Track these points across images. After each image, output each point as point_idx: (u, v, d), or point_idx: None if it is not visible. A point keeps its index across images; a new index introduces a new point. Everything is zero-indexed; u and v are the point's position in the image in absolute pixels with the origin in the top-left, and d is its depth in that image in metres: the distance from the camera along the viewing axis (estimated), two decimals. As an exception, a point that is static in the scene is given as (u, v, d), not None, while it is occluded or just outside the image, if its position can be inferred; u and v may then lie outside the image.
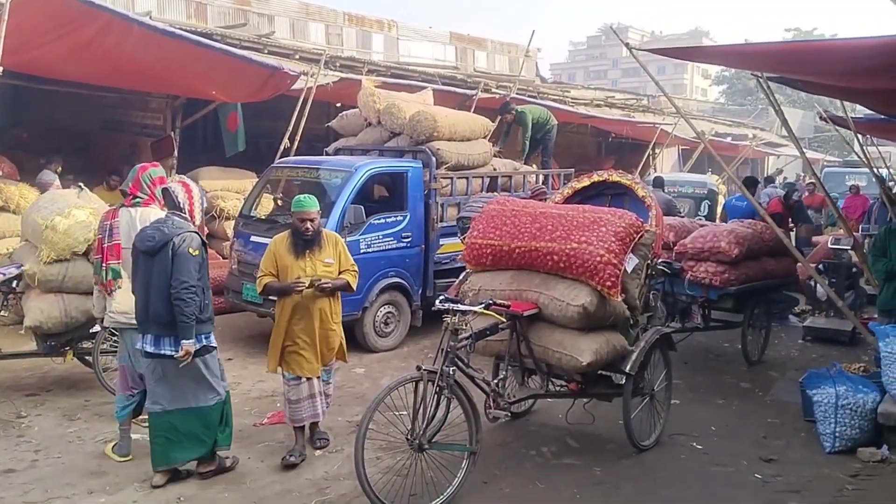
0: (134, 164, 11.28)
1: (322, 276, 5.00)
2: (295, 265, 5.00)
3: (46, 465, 4.95)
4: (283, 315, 5.06)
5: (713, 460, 5.35)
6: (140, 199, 5.07)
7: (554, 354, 4.93)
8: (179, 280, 4.42)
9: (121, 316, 4.99)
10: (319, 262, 5.05)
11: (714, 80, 64.82)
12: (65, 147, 10.92)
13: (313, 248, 5.04)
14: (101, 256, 5.07)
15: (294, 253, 5.01)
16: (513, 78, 16.44)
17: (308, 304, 5.01)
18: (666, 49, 7.78)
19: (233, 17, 22.12)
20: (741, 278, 7.23)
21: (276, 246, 5.10)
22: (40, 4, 7.04)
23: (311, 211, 5.02)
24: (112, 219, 5.07)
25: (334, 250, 5.15)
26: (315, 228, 5.05)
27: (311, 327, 5.04)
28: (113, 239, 5.02)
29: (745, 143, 22.50)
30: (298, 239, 5.03)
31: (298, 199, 5.08)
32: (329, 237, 5.22)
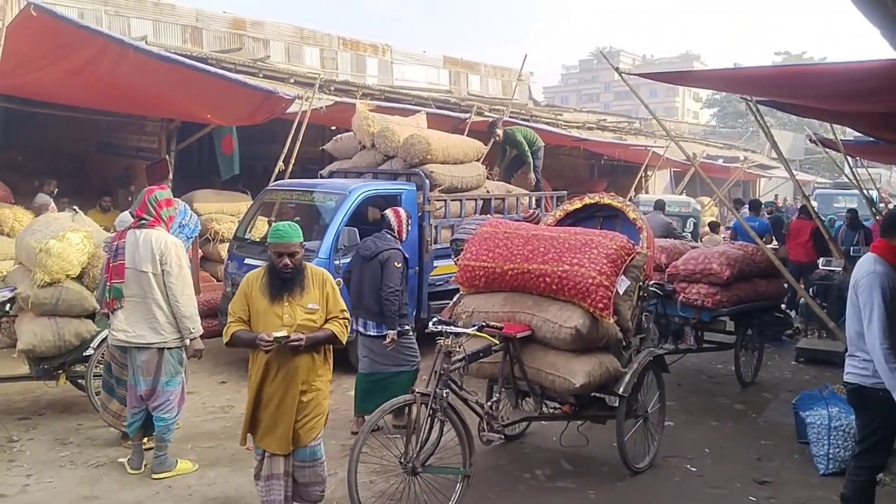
0: (129, 187, 11.37)
1: (302, 326, 4.01)
2: (269, 311, 3.99)
3: (38, 489, 4.91)
4: (255, 374, 4.07)
5: (707, 482, 5.34)
6: (146, 220, 5.12)
7: (547, 376, 4.94)
8: (387, 286, 5.85)
9: (121, 334, 5.05)
10: (300, 309, 4.03)
11: (705, 103, 65.42)
12: (60, 170, 10.95)
13: (293, 289, 4.03)
14: (107, 276, 5.13)
15: (269, 296, 4.01)
16: (506, 101, 16.58)
17: (284, 360, 4.00)
18: (657, 74, 7.89)
19: (228, 42, 22.28)
20: (733, 300, 7.27)
21: (248, 285, 4.10)
22: (36, 28, 7.09)
23: (291, 243, 4.02)
24: (119, 240, 5.14)
25: (320, 292, 4.11)
26: (296, 265, 4.04)
27: (286, 391, 4.04)
28: (118, 259, 5.07)
29: (737, 166, 22.70)
30: (275, 278, 4.03)
31: (276, 229, 4.07)
32: (315, 275, 4.15)
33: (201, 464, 5.35)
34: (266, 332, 3.89)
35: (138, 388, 5.10)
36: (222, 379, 7.63)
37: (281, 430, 4.05)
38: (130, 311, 5.04)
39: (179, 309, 5.06)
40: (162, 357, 5.09)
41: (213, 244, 10.55)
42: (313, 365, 4.10)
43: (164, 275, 5.03)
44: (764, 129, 7.96)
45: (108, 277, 5.13)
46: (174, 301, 5.05)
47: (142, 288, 5.02)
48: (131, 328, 5.02)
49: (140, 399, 5.13)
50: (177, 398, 5.21)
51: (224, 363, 8.11)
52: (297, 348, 3.95)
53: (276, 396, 4.05)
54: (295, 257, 4.04)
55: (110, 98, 9.47)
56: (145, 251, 5.02)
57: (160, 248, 5.02)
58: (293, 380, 4.03)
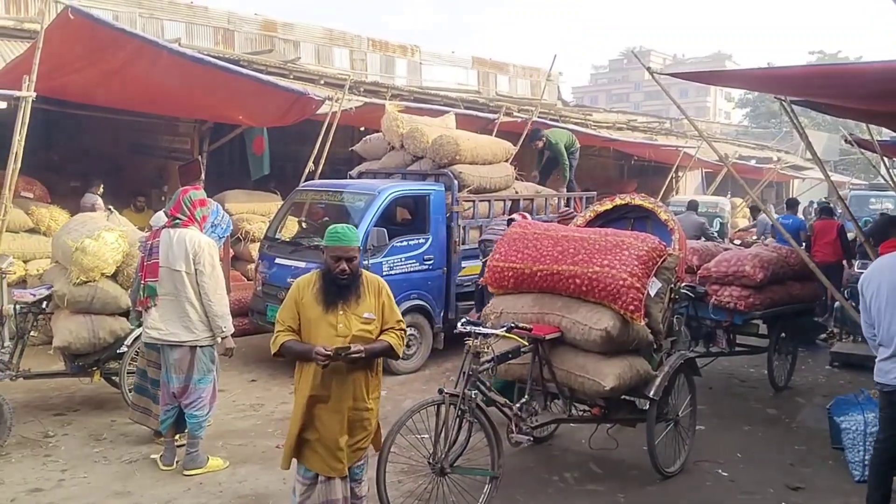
0: (162, 188, 11.54)
1: (357, 337, 3.72)
2: (322, 320, 3.72)
3: (73, 484, 5.00)
4: (304, 388, 3.75)
5: (739, 488, 5.27)
6: (180, 220, 5.20)
7: (577, 379, 4.91)
8: None
9: (154, 332, 5.14)
10: (356, 318, 3.74)
11: (737, 103, 64.49)
12: (94, 170, 11.13)
13: (349, 297, 3.75)
14: (141, 274, 5.22)
15: (323, 304, 3.73)
16: (535, 102, 16.52)
17: (338, 374, 3.70)
18: (689, 73, 7.81)
19: (259, 44, 22.50)
20: (766, 302, 7.16)
21: (299, 292, 3.80)
22: (73, 31, 7.22)
23: (350, 247, 3.75)
24: (154, 239, 5.23)
25: (376, 301, 3.83)
26: (353, 271, 3.77)
27: (340, 408, 3.73)
28: (152, 258, 5.16)
29: (770, 167, 22.34)
30: (331, 285, 3.74)
31: (334, 231, 3.79)
32: (370, 283, 3.86)
33: (232, 461, 5.42)
34: (323, 345, 3.59)
35: (171, 385, 5.18)
36: (252, 377, 7.71)
37: (336, 450, 3.73)
38: (164, 309, 5.12)
39: (212, 308, 5.13)
40: (194, 355, 5.16)
41: (244, 244, 10.67)
42: (367, 380, 3.81)
43: (196, 274, 5.10)
44: (798, 129, 7.82)
45: (142, 276, 5.22)
46: (206, 300, 5.12)
47: (175, 287, 5.09)
48: (164, 326, 5.10)
49: (172, 396, 5.21)
50: (209, 396, 5.28)
51: (254, 361, 8.20)
52: (357, 361, 3.67)
53: (328, 414, 3.71)
54: (353, 262, 3.75)
55: (144, 99, 9.61)
56: (179, 250, 5.09)
57: (193, 248, 5.09)
58: (347, 397, 3.73)
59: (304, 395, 3.73)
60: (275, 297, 7.84)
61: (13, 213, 8.03)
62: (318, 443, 3.73)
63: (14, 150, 6.94)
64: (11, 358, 6.05)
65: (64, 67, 7.85)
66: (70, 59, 7.79)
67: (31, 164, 8.21)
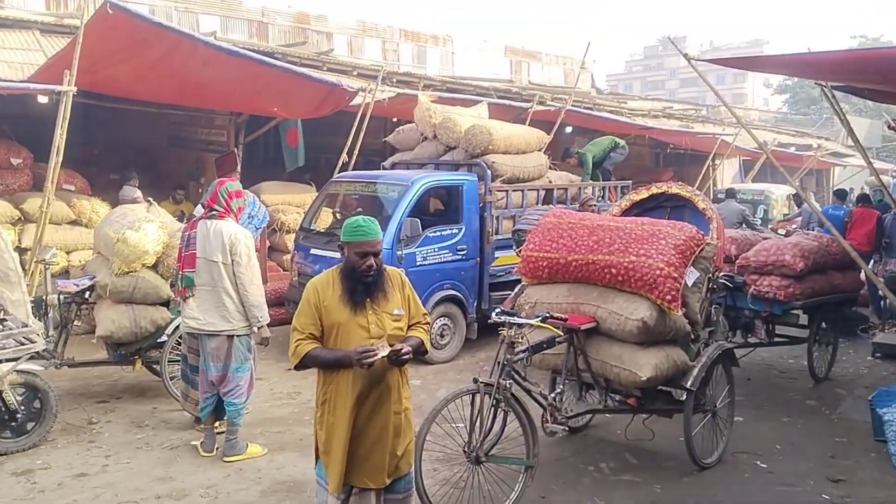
0: (199, 179, 11.71)
1: (392, 336, 3.43)
2: (352, 322, 3.39)
3: (116, 469, 5.13)
4: (342, 399, 3.40)
5: (779, 479, 5.20)
6: (216, 211, 5.27)
7: (612, 369, 4.88)
8: None
9: (192, 321, 5.24)
10: (387, 316, 3.45)
11: (776, 90, 63.13)
12: (133, 163, 11.34)
13: (376, 295, 3.44)
14: (180, 265, 5.32)
15: (351, 304, 3.40)
16: (568, 90, 16.38)
17: (377, 379, 3.41)
18: (728, 60, 7.67)
19: (293, 36, 22.66)
20: (807, 292, 7.02)
21: (316, 295, 3.45)
22: (111, 26, 7.34)
23: (377, 240, 3.43)
24: (191, 230, 5.31)
25: (401, 295, 3.55)
26: (379, 266, 3.46)
27: (381, 415, 3.44)
28: (189, 249, 5.25)
29: (810, 154, 21.87)
30: (357, 283, 3.41)
31: (358, 225, 3.43)
32: (393, 277, 3.57)
33: (270, 448, 5.50)
34: (365, 348, 3.27)
35: (209, 373, 5.27)
36: (289, 366, 7.73)
37: (378, 460, 3.45)
38: (201, 299, 5.20)
39: (248, 298, 5.20)
40: (231, 344, 5.24)
41: (279, 235, 10.79)
42: (402, 381, 3.54)
43: (233, 265, 5.17)
44: (840, 115, 7.65)
45: (180, 266, 5.31)
46: (243, 290, 5.19)
47: (212, 277, 5.17)
48: (202, 316, 5.19)
49: (211, 384, 5.31)
50: (246, 384, 5.36)
51: (290, 351, 8.29)
52: (406, 359, 3.39)
53: (371, 423, 3.43)
54: (379, 257, 3.45)
55: (181, 93, 9.75)
56: (216, 241, 5.16)
57: (230, 239, 5.16)
58: (387, 400, 3.46)
59: (345, 407, 3.37)
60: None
61: (56, 206, 8.22)
62: (362, 455, 3.42)
63: (56, 144, 7.10)
64: (56, 347, 6.22)
65: (103, 62, 7.99)
66: (109, 53, 7.93)
67: (72, 158, 8.40)
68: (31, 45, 9.97)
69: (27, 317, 5.19)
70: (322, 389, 3.51)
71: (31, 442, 5.37)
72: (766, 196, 16.23)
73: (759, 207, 15.49)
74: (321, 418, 3.50)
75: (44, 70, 8.47)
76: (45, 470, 5.07)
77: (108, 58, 8.01)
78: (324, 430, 3.48)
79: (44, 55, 9.47)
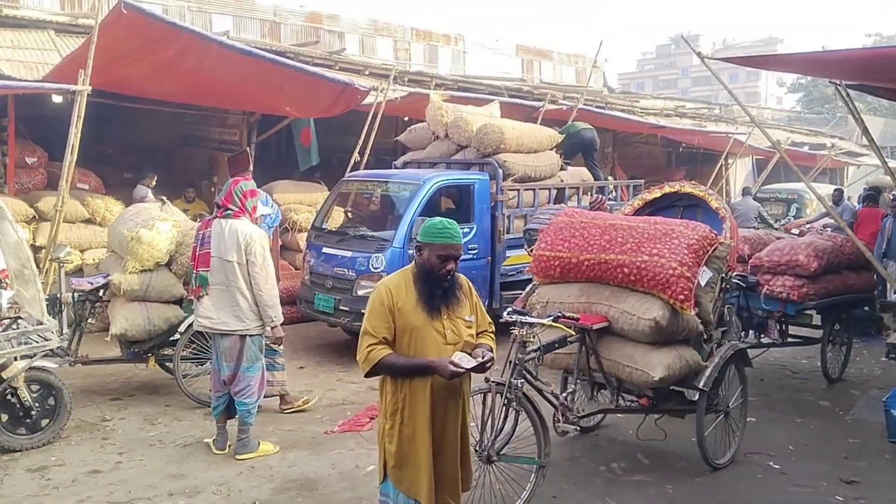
0: (212, 178, 11.77)
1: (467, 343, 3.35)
2: (427, 327, 3.27)
3: (129, 466, 5.16)
4: (420, 408, 3.25)
5: (791, 481, 5.17)
6: (231, 210, 5.28)
7: (624, 369, 4.87)
8: None
9: (205, 320, 5.26)
10: (461, 322, 3.36)
11: (790, 88, 62.74)
12: (146, 162, 11.42)
13: (450, 300, 3.35)
14: (193, 263, 5.32)
15: (428, 308, 3.28)
16: (580, 89, 16.34)
17: (452, 389, 3.31)
18: (741, 58, 7.64)
19: (305, 35, 22.69)
20: (820, 292, 6.98)
21: (389, 297, 3.28)
22: (126, 25, 7.39)
23: (460, 244, 3.32)
24: (206, 229, 5.32)
25: (470, 301, 3.45)
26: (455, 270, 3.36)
27: (455, 425, 3.36)
28: (204, 248, 5.26)
29: (824, 153, 21.70)
30: (435, 287, 3.29)
31: (443, 227, 3.29)
32: (461, 283, 3.44)
33: (282, 446, 5.52)
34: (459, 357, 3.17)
35: (222, 372, 5.30)
36: (301, 364, 7.83)
37: (452, 472, 3.36)
38: (215, 298, 5.22)
39: (262, 297, 5.21)
40: (244, 344, 5.26)
41: (291, 234, 10.82)
42: (468, 390, 3.47)
43: (248, 264, 5.18)
44: (854, 114, 7.60)
45: (194, 265, 5.33)
46: (257, 290, 5.20)
47: (226, 276, 5.19)
48: (216, 315, 5.21)
49: (223, 384, 5.32)
50: (257, 383, 5.38)
51: (302, 349, 8.33)
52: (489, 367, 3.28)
53: (447, 434, 3.32)
54: (458, 261, 3.34)
55: (195, 92, 9.80)
56: (231, 241, 5.17)
57: (245, 239, 5.17)
58: (459, 411, 3.36)
59: (424, 417, 3.24)
60: (321, 286, 7.95)
61: (70, 204, 8.29)
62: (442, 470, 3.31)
63: (71, 143, 7.16)
64: (70, 344, 6.26)
65: (117, 61, 8.05)
66: (123, 53, 7.98)
67: (85, 156, 8.46)
68: (46, 45, 10.04)
69: (42, 314, 5.23)
70: (392, 399, 3.29)
71: (45, 439, 5.42)
72: (800, 196, 16.00)
73: (791, 206, 15.41)
74: (391, 430, 3.28)
75: (59, 69, 8.53)
76: (59, 466, 5.11)
77: (122, 57, 8.07)
78: (396, 443, 3.27)
79: (59, 55, 9.54)
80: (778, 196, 15.77)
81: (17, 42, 9.87)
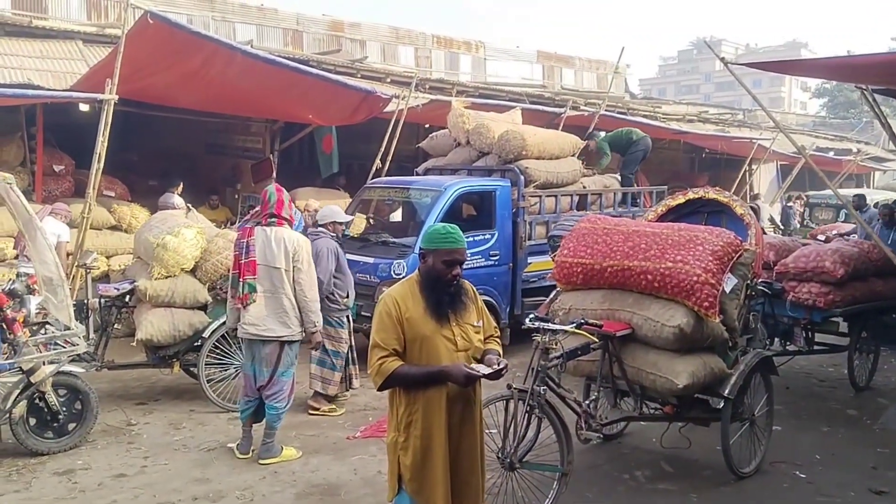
0: (235, 186, 11.84)
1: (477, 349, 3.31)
2: (437, 335, 3.21)
3: (154, 470, 5.21)
4: (436, 419, 3.20)
5: (819, 490, 5.09)
6: (276, 219, 5.37)
7: (648, 376, 4.83)
8: None
9: (251, 328, 5.31)
10: (470, 328, 3.31)
11: (814, 93, 62.13)
12: (172, 170, 11.54)
13: (458, 306, 3.28)
14: (237, 272, 5.37)
15: (436, 316, 3.22)
16: (602, 95, 16.30)
17: (466, 397, 3.27)
18: (764, 63, 7.59)
19: (327, 44, 22.89)
20: (847, 299, 6.88)
21: (396, 307, 3.21)
22: (151, 36, 7.50)
23: (464, 248, 3.29)
24: (249, 237, 5.38)
25: (476, 306, 3.38)
26: (461, 276, 3.32)
27: (475, 434, 3.33)
28: (249, 256, 5.32)
29: (849, 159, 21.44)
30: (442, 294, 3.24)
31: (445, 231, 3.26)
32: (466, 288, 3.38)
33: (305, 451, 5.55)
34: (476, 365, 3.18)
35: (260, 377, 5.35)
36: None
37: (475, 485, 3.32)
38: (262, 305, 5.28)
39: (307, 303, 5.33)
40: (283, 350, 5.34)
41: (313, 240, 10.87)
42: (481, 398, 3.43)
43: (294, 271, 5.29)
44: (881, 118, 7.51)
45: (239, 273, 5.35)
46: (302, 295, 5.30)
47: (273, 283, 5.28)
48: (262, 322, 5.26)
49: (255, 389, 5.39)
50: (289, 388, 5.45)
51: (324, 355, 8.35)
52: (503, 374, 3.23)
53: (463, 444, 3.27)
54: (462, 266, 3.28)
55: (219, 100, 9.91)
56: (278, 248, 5.27)
57: (293, 246, 5.29)
58: (474, 418, 3.32)
59: (440, 428, 3.18)
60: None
61: (96, 211, 8.40)
62: (461, 480, 3.26)
63: (98, 151, 7.26)
64: (96, 349, 6.35)
65: (143, 70, 8.17)
66: (149, 62, 8.10)
67: (112, 164, 8.58)
68: (73, 55, 10.23)
69: (69, 320, 5.31)
70: (405, 411, 3.23)
71: (72, 442, 5.49)
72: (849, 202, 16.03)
73: (840, 212, 15.33)
74: (406, 443, 3.22)
75: (86, 79, 8.68)
76: (85, 470, 5.18)
77: (148, 67, 8.19)
78: (410, 455, 3.21)
79: (86, 64, 9.71)
80: (828, 202, 15.79)
81: (45, 52, 10.06)
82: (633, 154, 10.94)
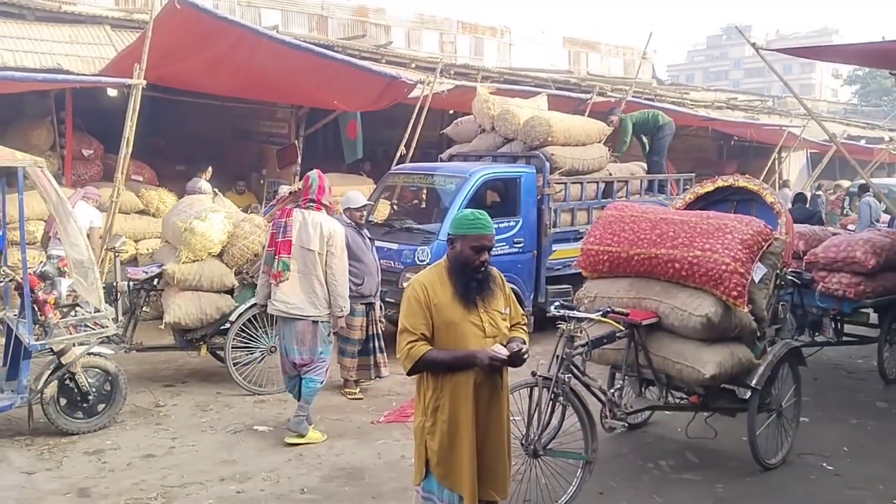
0: (261, 171, 11.91)
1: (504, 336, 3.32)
2: (465, 321, 3.23)
3: (182, 452, 5.29)
4: (463, 404, 3.21)
5: (846, 483, 5.03)
6: (315, 204, 5.53)
7: (674, 366, 4.79)
8: None
9: (282, 305, 5.45)
10: (498, 315, 3.32)
11: (846, 80, 60.91)
12: (198, 155, 11.64)
13: (486, 292, 3.30)
14: (273, 249, 5.54)
15: (464, 302, 3.24)
16: (628, 81, 16.12)
17: (492, 383, 3.28)
18: (796, 49, 7.44)
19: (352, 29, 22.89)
20: (878, 290, 6.77)
21: (424, 293, 3.23)
22: (179, 21, 7.54)
23: (493, 234, 3.29)
24: (287, 217, 5.54)
25: (503, 293, 3.39)
26: (489, 262, 3.32)
27: (501, 419, 3.33)
28: (286, 235, 5.49)
29: (881, 147, 21.00)
30: (470, 280, 3.25)
31: (473, 217, 3.27)
32: (494, 275, 3.39)
33: (330, 434, 5.59)
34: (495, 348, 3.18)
35: (291, 355, 5.49)
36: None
37: (502, 469, 3.33)
38: (293, 284, 5.44)
39: (336, 288, 5.46)
40: (316, 328, 5.47)
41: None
42: (507, 384, 3.43)
43: (327, 255, 5.42)
44: (917, 106, 7.35)
45: (275, 251, 5.51)
46: (332, 280, 5.44)
47: (306, 265, 5.43)
48: (292, 300, 5.42)
49: (293, 366, 5.52)
50: (327, 365, 5.61)
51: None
52: (525, 359, 3.26)
53: (491, 429, 3.28)
54: (490, 252, 3.29)
55: (245, 86, 9.95)
56: (314, 232, 5.42)
57: (329, 231, 5.45)
58: (500, 404, 3.32)
59: (467, 413, 3.19)
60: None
61: (125, 196, 8.51)
62: (487, 465, 3.26)
63: (126, 136, 7.34)
64: (125, 332, 6.45)
65: (171, 56, 8.22)
66: (177, 47, 8.14)
67: (140, 149, 8.67)
68: (102, 40, 10.30)
69: (99, 302, 5.39)
70: (433, 396, 3.25)
71: (101, 423, 5.58)
72: (891, 191, 15.51)
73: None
74: (433, 427, 3.24)
75: (114, 64, 8.75)
76: (114, 450, 5.26)
77: (175, 52, 8.24)
78: (437, 440, 3.22)
79: (114, 49, 9.78)
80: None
81: (74, 37, 10.14)
82: (662, 140, 10.81)
